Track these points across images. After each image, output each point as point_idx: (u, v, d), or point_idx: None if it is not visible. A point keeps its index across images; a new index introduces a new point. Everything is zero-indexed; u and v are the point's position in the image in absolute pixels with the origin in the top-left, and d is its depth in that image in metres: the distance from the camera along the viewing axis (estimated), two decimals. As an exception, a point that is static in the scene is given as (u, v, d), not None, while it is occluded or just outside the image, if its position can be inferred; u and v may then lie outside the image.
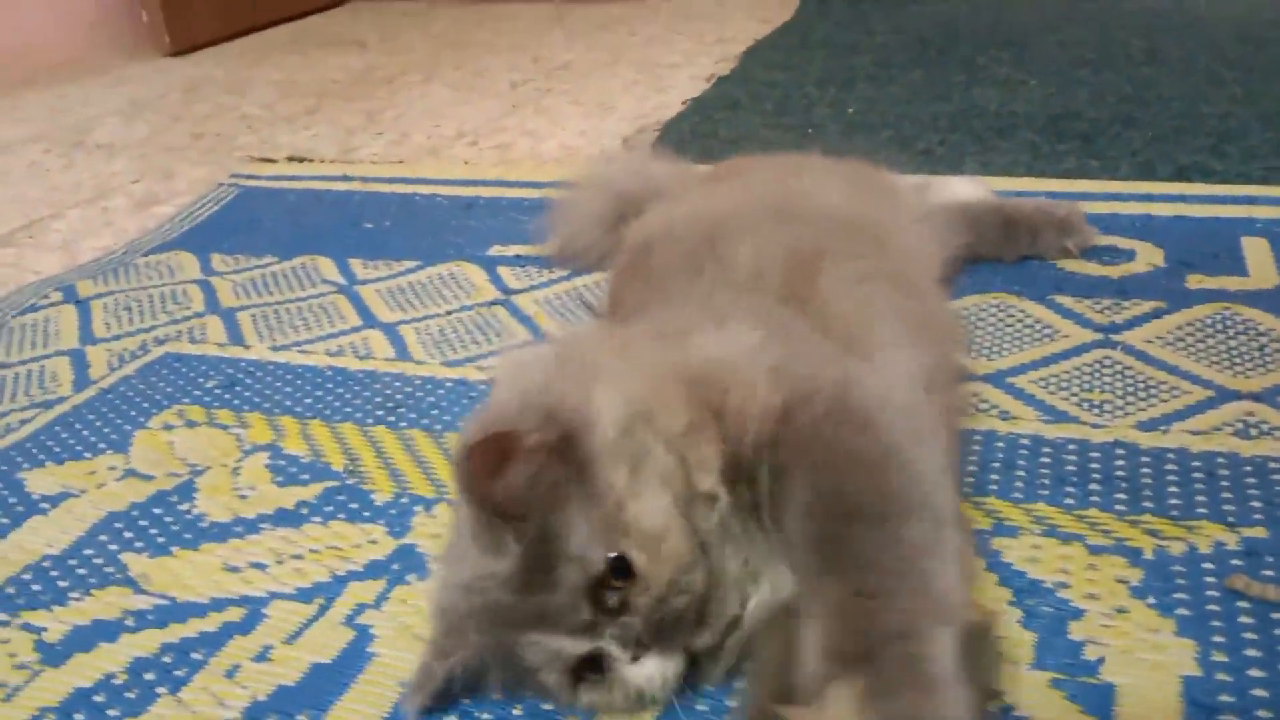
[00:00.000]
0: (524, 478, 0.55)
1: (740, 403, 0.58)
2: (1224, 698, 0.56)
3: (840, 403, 0.57)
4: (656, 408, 0.59)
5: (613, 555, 0.54)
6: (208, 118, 2.01)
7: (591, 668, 0.56)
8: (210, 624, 0.69)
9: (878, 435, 0.56)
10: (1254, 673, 0.57)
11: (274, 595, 0.71)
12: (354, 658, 0.65)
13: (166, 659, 0.66)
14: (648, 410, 0.58)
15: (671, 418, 0.58)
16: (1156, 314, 0.95)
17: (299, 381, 0.98)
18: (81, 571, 0.75)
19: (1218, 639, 0.60)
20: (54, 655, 0.68)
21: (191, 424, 0.93)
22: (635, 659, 0.55)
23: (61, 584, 0.74)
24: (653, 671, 0.55)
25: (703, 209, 0.87)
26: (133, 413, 0.95)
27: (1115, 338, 0.92)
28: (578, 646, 0.55)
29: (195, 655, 0.66)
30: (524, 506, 0.55)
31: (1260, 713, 0.55)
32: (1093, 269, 1.04)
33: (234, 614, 0.70)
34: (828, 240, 0.78)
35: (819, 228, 0.80)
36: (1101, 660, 0.59)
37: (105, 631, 0.69)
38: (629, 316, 0.77)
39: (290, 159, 1.65)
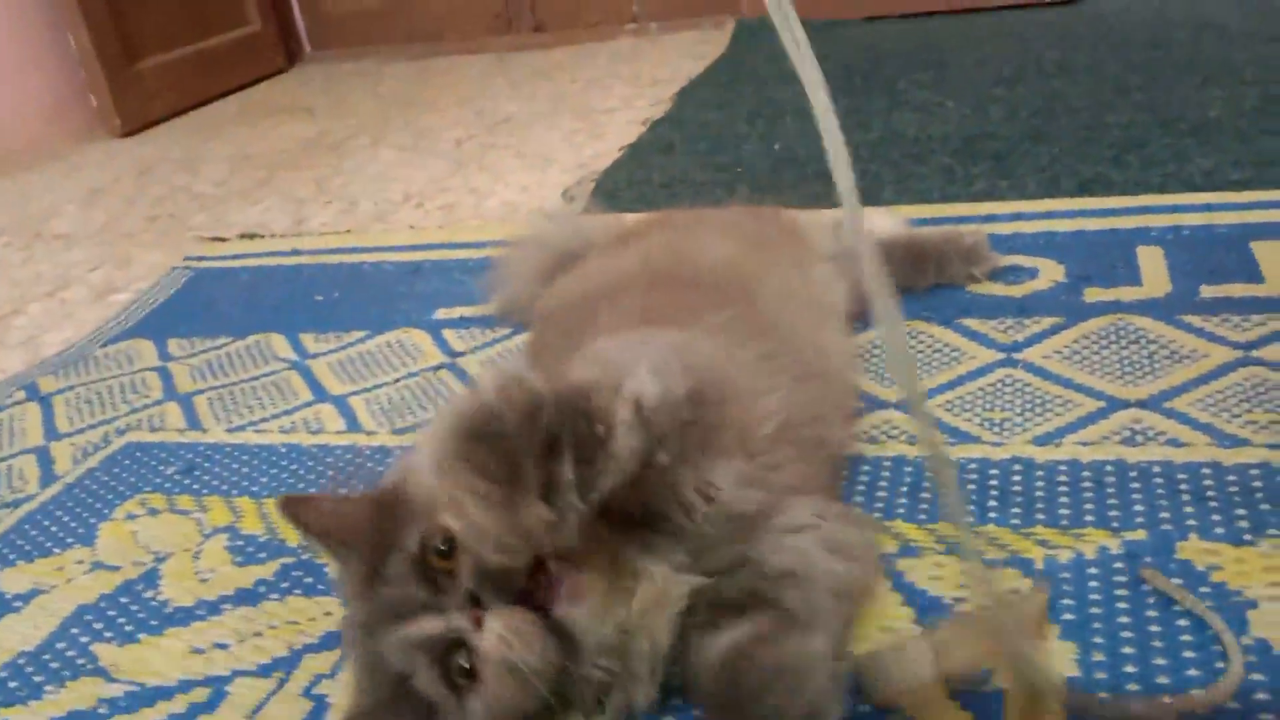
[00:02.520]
0: (335, 514, 0.65)
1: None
2: (1100, 695, 0.61)
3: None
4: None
5: (428, 528, 0.60)
6: (161, 199, 2.06)
7: (463, 674, 0.59)
8: (178, 705, 0.74)
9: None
10: (1128, 669, 0.63)
11: (236, 673, 0.76)
12: (312, 726, 0.70)
13: (137, 743, 0.71)
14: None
15: None
16: (1055, 330, 1.01)
17: (255, 461, 1.03)
18: (55, 665, 0.80)
19: (1097, 639, 0.65)
20: (32, 749, 0.72)
21: (154, 512, 0.98)
22: (478, 624, 0.58)
23: (37, 679, 0.79)
24: (497, 629, 0.58)
25: (588, 279, 0.94)
26: (97, 505, 1.00)
27: (1016, 356, 0.98)
28: (425, 626, 0.59)
29: (164, 737, 0.71)
30: (345, 534, 0.64)
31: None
32: (998, 290, 1.10)
33: (199, 694, 0.74)
34: (689, 298, 0.83)
35: (688, 288, 0.85)
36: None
37: (80, 721, 0.74)
38: None
39: (242, 236, 1.71)
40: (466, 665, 0.59)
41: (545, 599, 0.59)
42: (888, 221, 1.22)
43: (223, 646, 0.79)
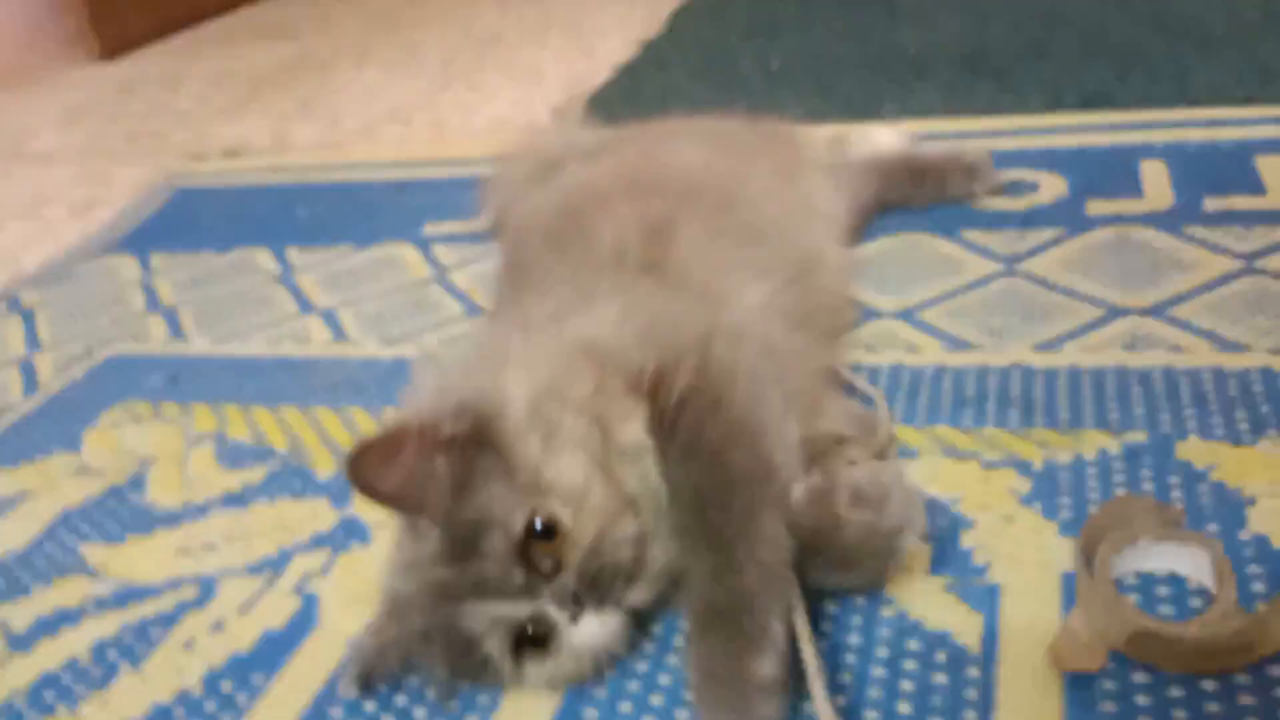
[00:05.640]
0: (412, 471, 0.58)
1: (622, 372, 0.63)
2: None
3: (698, 378, 0.62)
4: (561, 381, 0.62)
5: (534, 515, 0.57)
6: (143, 117, 2.01)
7: (533, 641, 0.57)
8: (166, 603, 0.73)
9: (727, 414, 0.61)
10: (1126, 563, 0.62)
11: (225, 572, 0.75)
12: (302, 622, 0.69)
13: (127, 638, 0.70)
14: (553, 385, 0.62)
15: (578, 385, 0.62)
16: (1057, 241, 0.99)
17: (241, 371, 1.01)
18: (42, 566, 0.79)
19: (1095, 536, 0.65)
20: (20, 643, 0.72)
21: (139, 419, 0.96)
22: (574, 619, 0.57)
23: (24, 579, 0.78)
24: (594, 629, 0.57)
25: (566, 189, 0.91)
26: (82, 414, 0.98)
27: (1017, 266, 0.96)
28: (517, 609, 0.57)
29: (154, 631, 0.70)
30: (421, 494, 0.58)
31: (1131, 597, 0.60)
32: (1000, 203, 1.08)
33: (188, 592, 0.74)
34: (678, 206, 0.81)
35: (670, 195, 0.83)
36: (989, 564, 0.64)
37: (68, 617, 0.73)
38: (507, 303, 0.82)
39: (225, 153, 1.67)
40: (539, 636, 0.57)
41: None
42: (890, 138, 1.19)
43: (211, 548, 0.78)
